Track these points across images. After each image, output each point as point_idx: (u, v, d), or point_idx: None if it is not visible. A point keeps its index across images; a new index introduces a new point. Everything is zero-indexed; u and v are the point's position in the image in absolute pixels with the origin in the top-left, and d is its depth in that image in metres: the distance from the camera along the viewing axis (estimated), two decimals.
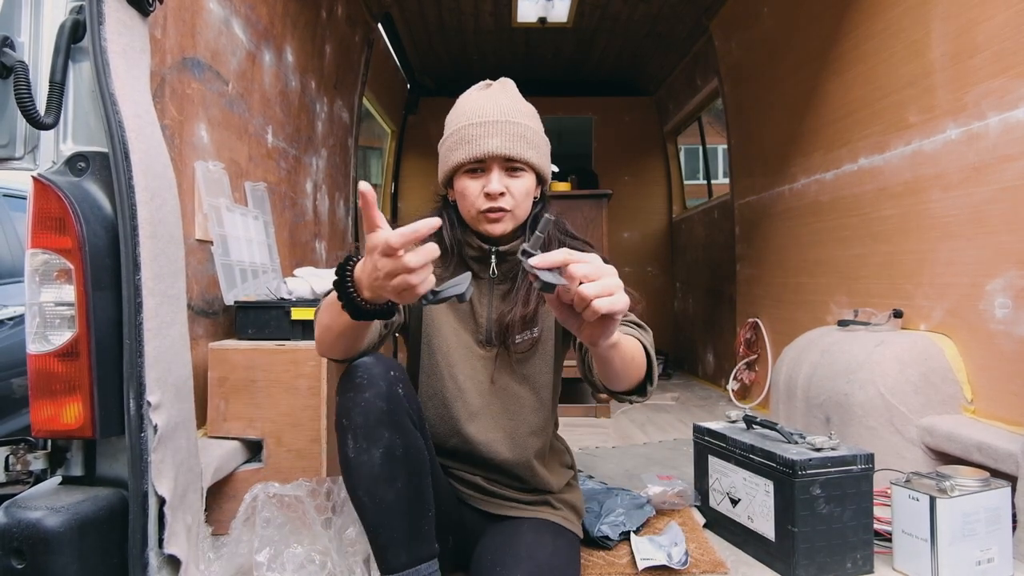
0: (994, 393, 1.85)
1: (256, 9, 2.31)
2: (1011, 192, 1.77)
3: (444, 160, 1.31)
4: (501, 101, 1.28)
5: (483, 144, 1.23)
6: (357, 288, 0.95)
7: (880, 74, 2.36)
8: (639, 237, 5.71)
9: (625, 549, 1.60)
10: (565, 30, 4.55)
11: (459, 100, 1.34)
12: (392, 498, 1.09)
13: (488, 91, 1.33)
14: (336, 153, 3.50)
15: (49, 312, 1.11)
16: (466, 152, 1.24)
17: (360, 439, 1.09)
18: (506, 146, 1.24)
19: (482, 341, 1.35)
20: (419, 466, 1.13)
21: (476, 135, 1.24)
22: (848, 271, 2.63)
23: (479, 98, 1.30)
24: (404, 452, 1.11)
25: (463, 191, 1.28)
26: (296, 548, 1.41)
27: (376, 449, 1.08)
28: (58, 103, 1.14)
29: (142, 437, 1.10)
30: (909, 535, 1.45)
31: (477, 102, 1.29)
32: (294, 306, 1.86)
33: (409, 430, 1.12)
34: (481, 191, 1.25)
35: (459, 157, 1.26)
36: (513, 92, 1.33)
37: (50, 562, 1.03)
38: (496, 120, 1.24)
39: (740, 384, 3.64)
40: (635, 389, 1.16)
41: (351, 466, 1.10)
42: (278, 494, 1.47)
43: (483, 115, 1.25)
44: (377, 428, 1.09)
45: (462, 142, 1.25)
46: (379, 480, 1.09)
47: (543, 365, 1.37)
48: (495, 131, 1.24)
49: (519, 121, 1.26)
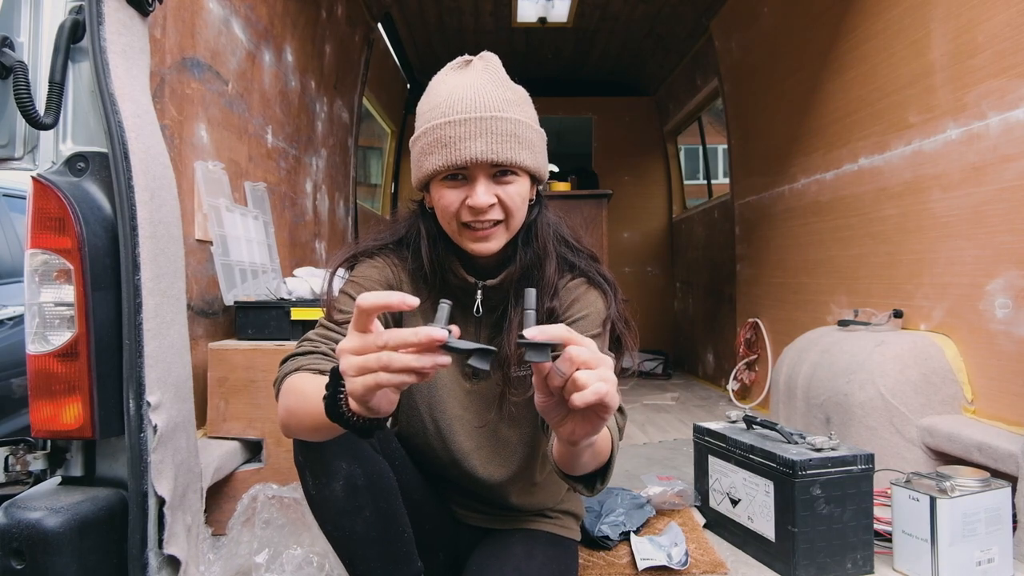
0: (994, 393, 1.84)
1: (256, 9, 2.30)
2: (1011, 192, 1.77)
3: (417, 164, 1.07)
4: (484, 88, 1.03)
5: (464, 149, 1.00)
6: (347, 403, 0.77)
7: (880, 74, 2.36)
8: (639, 237, 5.71)
9: (625, 549, 1.60)
10: (565, 30, 4.55)
11: (431, 85, 1.09)
12: (361, 528, 1.05)
13: (466, 73, 1.06)
14: (336, 153, 3.50)
15: (49, 312, 1.10)
16: (443, 158, 1.01)
17: (318, 474, 1.04)
18: (493, 150, 1.00)
19: (468, 374, 1.20)
20: (385, 492, 1.08)
21: (455, 136, 1.00)
22: (848, 271, 2.63)
23: (456, 84, 1.04)
24: (367, 480, 1.05)
25: (440, 201, 1.05)
26: (295, 549, 1.41)
27: (336, 483, 1.03)
28: (57, 103, 1.14)
29: (142, 437, 1.10)
30: (909, 535, 1.45)
31: (454, 91, 1.03)
32: (294, 306, 1.86)
33: (369, 457, 1.06)
34: (463, 203, 1.03)
35: (434, 164, 1.02)
36: (497, 73, 1.08)
37: (50, 562, 1.03)
38: (479, 116, 1.00)
39: (740, 384, 3.64)
40: (584, 478, 0.96)
41: (314, 502, 1.06)
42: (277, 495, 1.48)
43: (462, 109, 1.01)
44: (333, 461, 1.03)
45: (437, 145, 1.01)
46: (344, 513, 1.04)
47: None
48: (478, 130, 1.00)
49: (507, 115, 1.02)
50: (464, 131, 1.00)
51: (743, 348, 3.60)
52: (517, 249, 1.13)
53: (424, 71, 5.20)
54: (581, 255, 1.20)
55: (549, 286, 1.14)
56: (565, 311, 1.14)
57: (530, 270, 1.14)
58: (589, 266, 1.19)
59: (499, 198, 1.04)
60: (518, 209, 1.07)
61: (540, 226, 1.14)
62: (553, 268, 1.14)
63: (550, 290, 1.14)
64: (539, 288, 1.13)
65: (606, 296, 1.16)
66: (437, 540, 1.26)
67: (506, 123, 1.02)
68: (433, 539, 1.24)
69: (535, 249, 1.13)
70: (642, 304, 5.51)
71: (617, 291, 1.17)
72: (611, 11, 4.24)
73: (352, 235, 3.79)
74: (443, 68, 1.10)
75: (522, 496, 1.28)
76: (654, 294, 5.60)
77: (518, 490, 1.27)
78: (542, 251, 1.13)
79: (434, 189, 1.06)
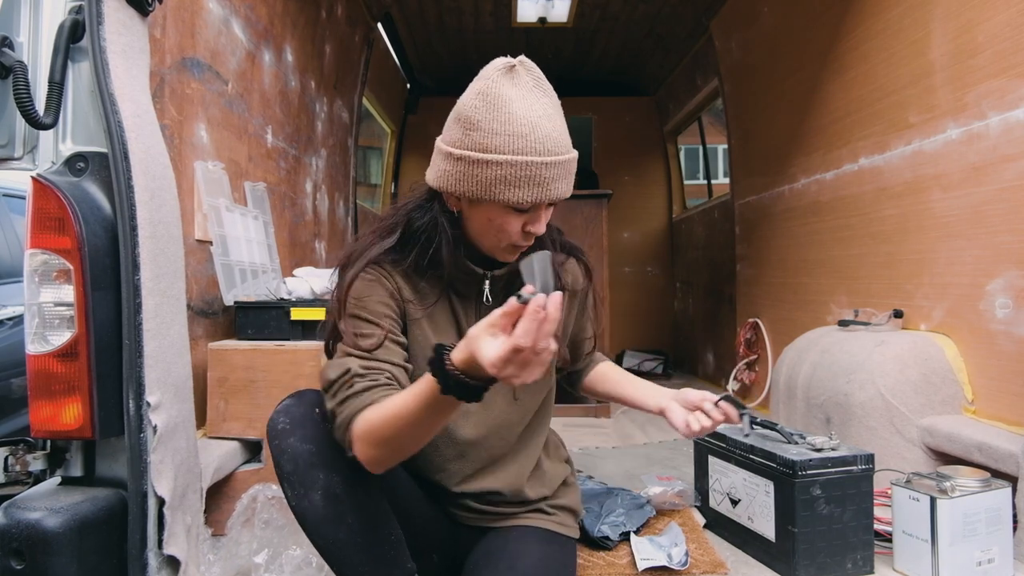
0: (994, 393, 1.84)
1: (256, 9, 2.30)
2: (1011, 192, 1.77)
3: (488, 187, 1.06)
4: (557, 121, 1.07)
5: (554, 190, 1.07)
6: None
7: (880, 74, 2.36)
8: (639, 237, 5.71)
9: (625, 549, 1.59)
10: (565, 30, 4.55)
11: (493, 97, 1.05)
12: (344, 536, 1.05)
13: (531, 95, 1.06)
14: (336, 153, 3.50)
15: (48, 312, 1.10)
16: (534, 195, 1.06)
17: (296, 486, 1.05)
18: (568, 189, 1.10)
19: None
20: (367, 496, 1.08)
21: (549, 177, 1.05)
22: (848, 271, 2.63)
23: (531, 111, 1.05)
24: (346, 488, 1.06)
25: (502, 225, 1.11)
26: (295, 550, 1.41)
27: (314, 493, 1.04)
28: (57, 103, 1.14)
29: (141, 437, 1.10)
30: (909, 535, 1.45)
31: (538, 123, 1.04)
32: (294, 306, 1.85)
33: (347, 464, 1.06)
34: (522, 228, 1.11)
35: (524, 197, 1.05)
36: (550, 90, 1.10)
37: (49, 563, 1.03)
38: (567, 159, 1.08)
39: (740, 384, 3.64)
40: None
41: (296, 513, 1.07)
42: (277, 496, 1.48)
43: (551, 150, 1.05)
44: (309, 472, 1.04)
45: (529, 182, 1.04)
46: (326, 522, 1.05)
47: (542, 384, 1.30)
48: (564, 173, 1.08)
49: (574, 154, 1.11)
50: (556, 173, 1.06)
51: (743, 348, 3.60)
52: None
53: (424, 71, 5.20)
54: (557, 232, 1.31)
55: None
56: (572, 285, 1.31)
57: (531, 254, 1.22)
58: (566, 241, 1.34)
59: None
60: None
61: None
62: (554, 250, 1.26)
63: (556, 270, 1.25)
64: None
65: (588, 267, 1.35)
66: (430, 541, 1.25)
67: (573, 163, 1.11)
68: (426, 539, 1.23)
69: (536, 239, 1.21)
70: (642, 304, 5.52)
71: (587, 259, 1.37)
72: (611, 11, 4.24)
73: (352, 235, 3.78)
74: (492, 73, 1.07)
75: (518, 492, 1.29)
76: (654, 294, 5.60)
77: (514, 486, 1.28)
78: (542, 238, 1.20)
79: (493, 210, 1.10)
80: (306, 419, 1.07)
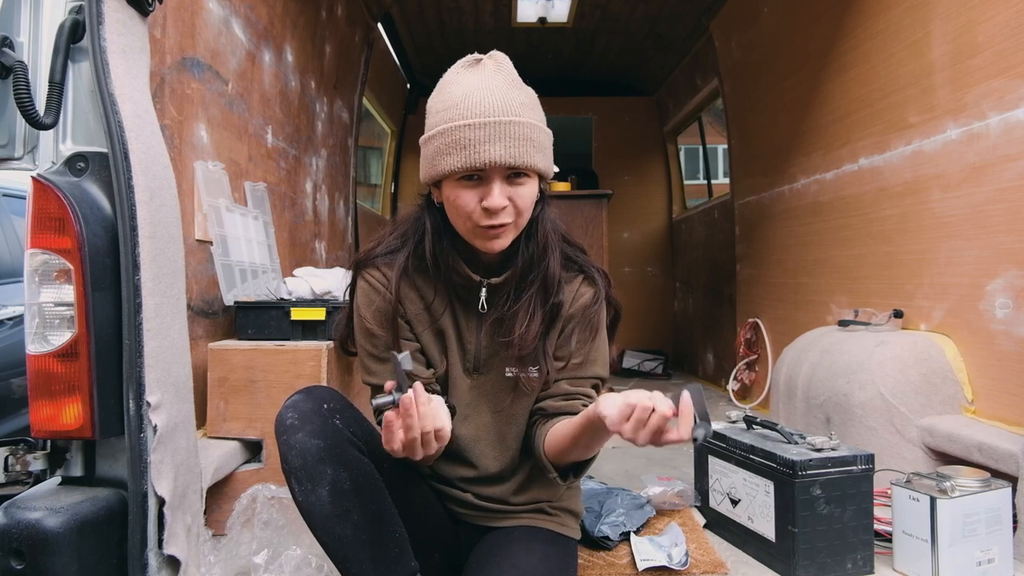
0: (994, 393, 1.84)
1: (256, 9, 2.30)
2: (1011, 192, 1.77)
3: (431, 163, 1.11)
4: (500, 91, 1.07)
5: (483, 152, 1.04)
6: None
7: (880, 74, 2.36)
8: (639, 237, 5.71)
9: (625, 550, 1.60)
10: (565, 30, 4.55)
11: (444, 82, 1.12)
12: (350, 532, 1.06)
13: (480, 73, 1.10)
14: (336, 153, 3.50)
15: (48, 312, 1.10)
16: (461, 160, 1.05)
17: (303, 481, 1.05)
18: (510, 154, 1.05)
19: (469, 369, 1.25)
20: (373, 493, 1.09)
21: (473, 139, 1.04)
22: (848, 271, 2.63)
23: (472, 85, 1.08)
24: (353, 484, 1.06)
25: (456, 201, 1.09)
26: (294, 550, 1.41)
27: (321, 488, 1.05)
28: (57, 103, 1.14)
29: (142, 437, 1.10)
30: (909, 535, 1.45)
31: (471, 93, 1.07)
32: (294, 306, 1.86)
33: (354, 460, 1.08)
34: (479, 204, 1.08)
35: (452, 164, 1.06)
36: (510, 74, 1.12)
37: (49, 563, 1.02)
38: (497, 120, 1.05)
39: (740, 384, 3.64)
40: (562, 469, 1.20)
41: (302, 509, 1.07)
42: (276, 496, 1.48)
43: (480, 112, 1.05)
44: (317, 467, 1.05)
45: (455, 147, 1.05)
46: (332, 518, 1.05)
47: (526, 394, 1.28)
48: (497, 135, 1.04)
49: (523, 119, 1.07)
50: (483, 134, 1.05)
51: (743, 348, 3.60)
52: (520, 245, 1.18)
53: (424, 71, 5.20)
54: (576, 249, 1.27)
55: (553, 281, 1.20)
56: (571, 305, 1.23)
57: (533, 266, 1.20)
58: (584, 260, 1.26)
59: (511, 199, 1.09)
60: (527, 209, 1.12)
61: (542, 223, 1.20)
62: (557, 263, 1.20)
63: (555, 285, 1.20)
64: (544, 283, 1.20)
65: (601, 290, 1.24)
66: (433, 539, 1.26)
67: (522, 127, 1.07)
68: (429, 538, 1.24)
69: (537, 245, 1.19)
70: (642, 304, 5.51)
71: (610, 283, 1.27)
72: (611, 11, 4.24)
73: (352, 235, 3.79)
74: (454, 66, 1.14)
75: (519, 491, 1.29)
76: (654, 294, 5.60)
77: (515, 485, 1.29)
78: (544, 247, 1.19)
79: (448, 187, 1.11)
80: (315, 415, 1.08)
